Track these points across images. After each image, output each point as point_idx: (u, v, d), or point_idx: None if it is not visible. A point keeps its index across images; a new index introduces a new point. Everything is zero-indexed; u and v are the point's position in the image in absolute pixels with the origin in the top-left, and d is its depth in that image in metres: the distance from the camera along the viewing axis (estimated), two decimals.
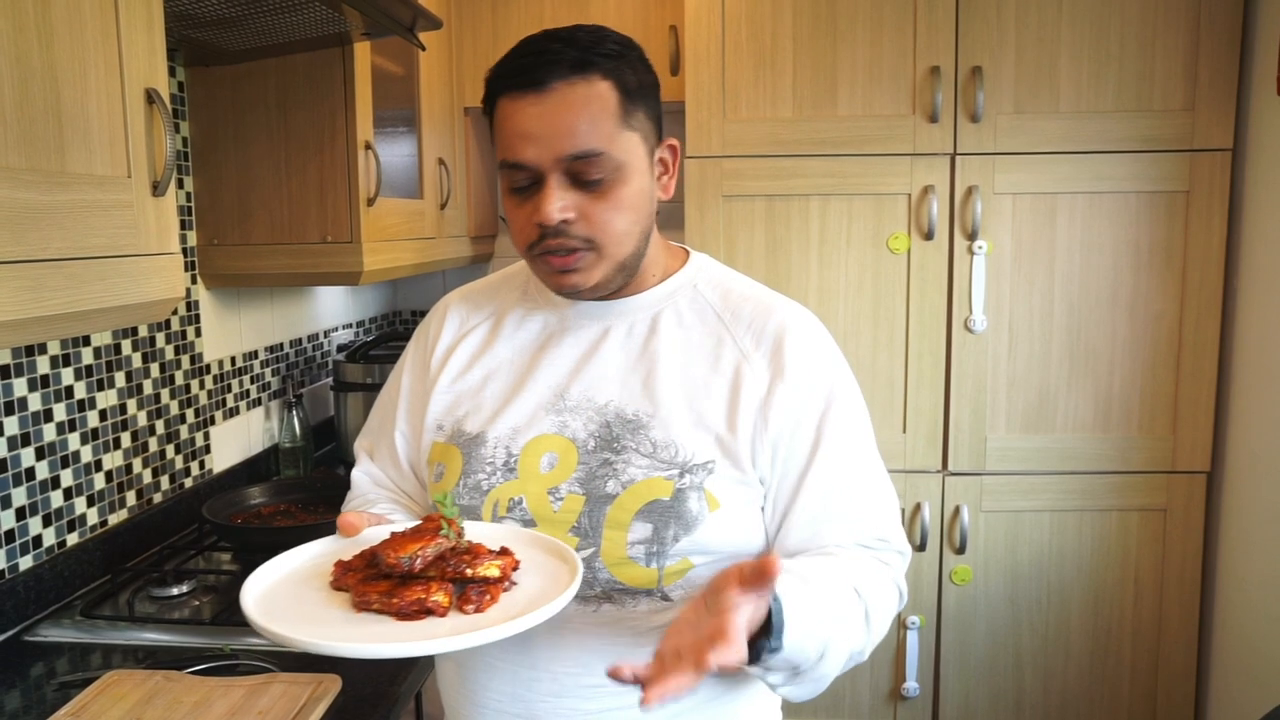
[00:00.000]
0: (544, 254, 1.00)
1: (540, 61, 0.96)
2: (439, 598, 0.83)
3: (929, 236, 2.20)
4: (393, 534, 0.90)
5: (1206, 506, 2.26)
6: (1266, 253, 2.07)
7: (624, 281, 1.05)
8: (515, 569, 0.89)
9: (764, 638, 0.84)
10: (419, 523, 0.92)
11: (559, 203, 0.97)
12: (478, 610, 0.83)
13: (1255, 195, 2.12)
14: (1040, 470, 2.27)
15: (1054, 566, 2.30)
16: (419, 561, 0.85)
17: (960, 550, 2.29)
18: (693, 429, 1.01)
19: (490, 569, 0.86)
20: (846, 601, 0.97)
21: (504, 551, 0.90)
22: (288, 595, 0.88)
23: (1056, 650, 2.34)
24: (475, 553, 0.88)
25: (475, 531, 0.96)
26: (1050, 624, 2.33)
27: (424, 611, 0.83)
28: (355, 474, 1.22)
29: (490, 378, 1.11)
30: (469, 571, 0.86)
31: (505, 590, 0.87)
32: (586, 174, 0.97)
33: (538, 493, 1.02)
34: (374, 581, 0.86)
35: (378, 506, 1.14)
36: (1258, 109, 2.10)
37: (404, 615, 0.83)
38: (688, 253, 1.14)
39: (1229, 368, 2.22)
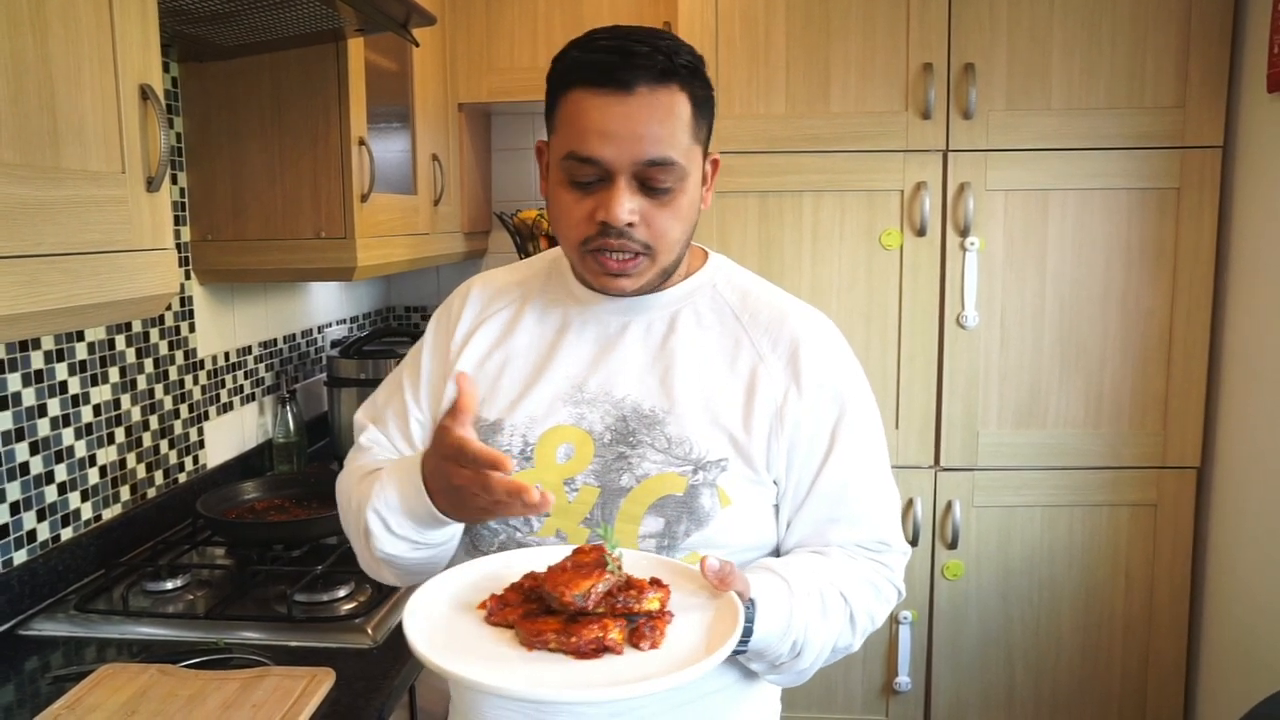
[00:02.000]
0: (599, 251, 1.00)
1: (627, 63, 0.96)
2: (615, 635, 0.83)
3: (921, 233, 2.21)
4: (550, 569, 0.88)
5: (1196, 501, 2.28)
6: (1256, 249, 2.09)
7: (659, 284, 1.07)
8: (668, 599, 0.89)
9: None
10: (571, 553, 0.91)
11: (628, 205, 0.97)
12: (652, 646, 0.83)
13: (1245, 192, 2.13)
14: (1031, 466, 2.28)
15: (1045, 561, 2.32)
16: (592, 600, 0.85)
17: (952, 545, 2.30)
18: (708, 427, 1.03)
19: (652, 603, 0.86)
20: (830, 603, 1.00)
21: (656, 582, 0.89)
22: (452, 634, 0.87)
23: (1048, 644, 2.35)
24: (638, 587, 0.87)
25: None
26: (1041, 618, 2.34)
27: (601, 649, 0.82)
28: (362, 439, 1.18)
29: (508, 365, 1.11)
30: (635, 607, 0.85)
31: (668, 623, 0.87)
32: (656, 180, 0.98)
33: (554, 483, 1.03)
34: (539, 618, 0.85)
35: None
36: (1248, 106, 2.11)
37: (582, 654, 0.82)
38: (706, 253, 1.15)
39: (1219, 364, 2.23)
